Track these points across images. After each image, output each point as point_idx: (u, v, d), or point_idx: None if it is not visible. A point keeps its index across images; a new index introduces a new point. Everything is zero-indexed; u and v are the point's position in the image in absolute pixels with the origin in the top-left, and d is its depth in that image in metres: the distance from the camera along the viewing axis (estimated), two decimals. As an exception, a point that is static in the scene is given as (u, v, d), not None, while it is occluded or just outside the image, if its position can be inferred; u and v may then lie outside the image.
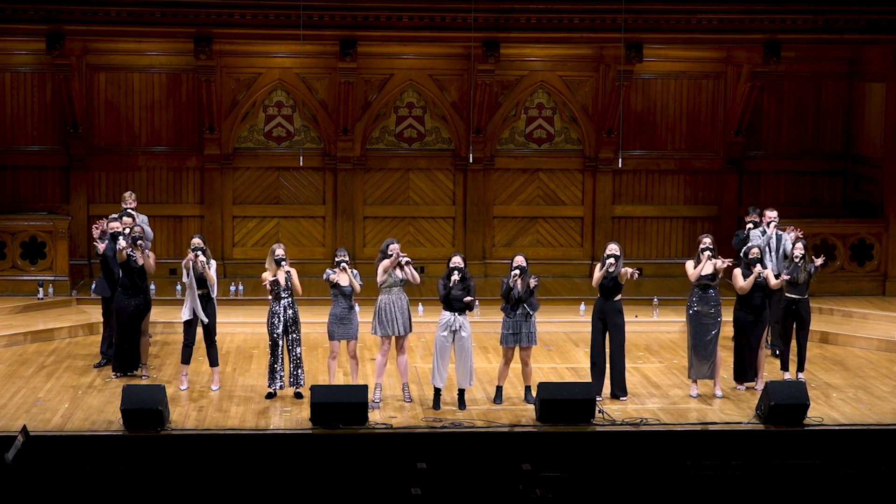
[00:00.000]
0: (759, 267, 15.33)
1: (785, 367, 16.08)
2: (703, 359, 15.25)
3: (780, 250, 16.90)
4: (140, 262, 15.62)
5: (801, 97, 21.56)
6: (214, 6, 18.87)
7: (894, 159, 20.24)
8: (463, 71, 20.87)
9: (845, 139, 21.64)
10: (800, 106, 21.59)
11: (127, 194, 17.43)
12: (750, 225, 17.34)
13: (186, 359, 15.45)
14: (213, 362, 15.47)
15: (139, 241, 15.64)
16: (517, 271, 14.75)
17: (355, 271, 15.04)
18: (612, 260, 14.98)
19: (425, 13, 19.14)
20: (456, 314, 14.67)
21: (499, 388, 15.08)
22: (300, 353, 15.10)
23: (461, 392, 14.86)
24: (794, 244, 16.06)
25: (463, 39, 19.51)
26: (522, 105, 21.27)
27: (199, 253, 15.17)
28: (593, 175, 21.34)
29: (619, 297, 15.16)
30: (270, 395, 15.09)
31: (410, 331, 15.12)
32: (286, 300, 15.03)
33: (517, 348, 14.89)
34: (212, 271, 15.32)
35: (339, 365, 15.75)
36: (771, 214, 17.21)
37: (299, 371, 15.09)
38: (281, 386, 15.06)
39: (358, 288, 14.97)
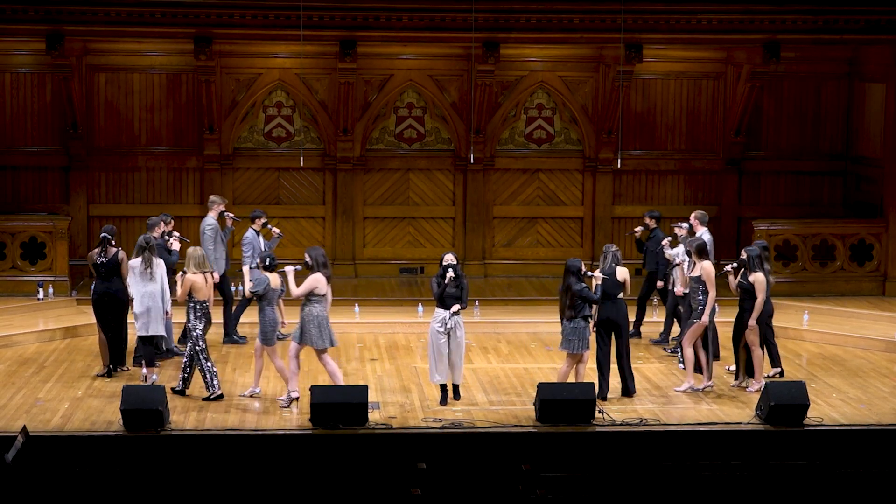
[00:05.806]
0: (728, 267, 15.47)
1: (774, 364, 16.08)
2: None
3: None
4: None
5: (801, 97, 21.56)
6: (214, 6, 18.87)
7: (894, 159, 20.25)
8: (463, 71, 20.87)
9: (845, 139, 21.64)
10: (800, 106, 21.59)
11: (216, 198, 17.60)
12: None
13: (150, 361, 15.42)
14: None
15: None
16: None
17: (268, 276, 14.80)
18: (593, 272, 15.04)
19: (425, 13, 19.14)
20: (450, 313, 14.65)
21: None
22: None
23: (455, 386, 14.89)
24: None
25: (463, 40, 19.52)
26: (522, 105, 21.27)
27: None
28: (593, 175, 21.34)
29: (621, 296, 15.19)
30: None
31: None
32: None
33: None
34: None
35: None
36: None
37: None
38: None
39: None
